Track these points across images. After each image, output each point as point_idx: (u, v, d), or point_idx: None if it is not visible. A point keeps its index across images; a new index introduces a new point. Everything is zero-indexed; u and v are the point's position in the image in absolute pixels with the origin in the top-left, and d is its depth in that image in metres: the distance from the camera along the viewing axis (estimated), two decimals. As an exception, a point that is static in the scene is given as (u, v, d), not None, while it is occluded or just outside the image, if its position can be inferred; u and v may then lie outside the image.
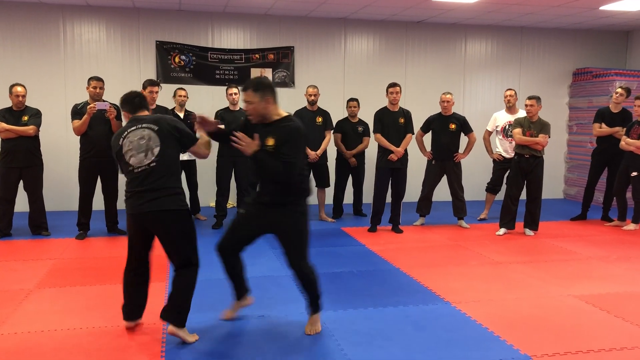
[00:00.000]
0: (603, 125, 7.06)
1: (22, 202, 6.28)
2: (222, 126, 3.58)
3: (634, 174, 6.60)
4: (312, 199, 7.49)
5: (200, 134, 3.52)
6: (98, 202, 6.30)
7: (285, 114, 3.41)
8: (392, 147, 6.31)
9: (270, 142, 3.25)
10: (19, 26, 7.50)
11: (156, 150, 3.23)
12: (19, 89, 5.95)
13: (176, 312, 3.29)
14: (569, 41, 9.34)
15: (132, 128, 3.29)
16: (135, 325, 3.53)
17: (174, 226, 3.26)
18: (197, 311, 3.75)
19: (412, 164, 6.79)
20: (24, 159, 5.99)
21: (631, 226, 6.75)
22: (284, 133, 3.27)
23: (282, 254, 3.43)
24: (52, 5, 7.55)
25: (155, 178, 3.21)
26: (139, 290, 3.48)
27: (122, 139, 3.29)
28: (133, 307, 3.50)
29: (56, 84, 7.66)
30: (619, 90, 7.00)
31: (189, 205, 7.11)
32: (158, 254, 3.55)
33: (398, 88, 6.38)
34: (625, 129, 6.79)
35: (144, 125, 3.28)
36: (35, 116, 6.06)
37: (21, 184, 6.11)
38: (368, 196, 7.43)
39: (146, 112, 3.43)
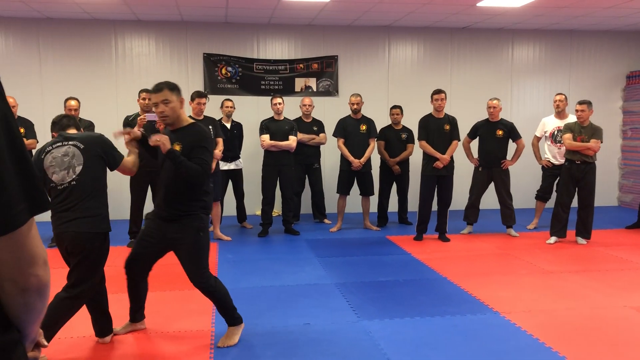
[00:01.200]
0: None
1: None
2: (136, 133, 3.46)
3: None
4: (357, 207, 7.53)
5: (130, 150, 3.48)
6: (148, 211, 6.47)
7: (192, 120, 3.39)
8: (438, 155, 6.25)
9: (177, 147, 3.20)
10: (74, 41, 7.82)
11: (78, 168, 3.17)
12: (72, 102, 6.20)
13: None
14: (622, 43, 9.03)
15: (57, 144, 3.22)
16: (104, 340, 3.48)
17: (85, 249, 3.16)
18: (245, 318, 3.80)
19: (459, 171, 6.70)
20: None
21: None
22: (191, 137, 3.25)
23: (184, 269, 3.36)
24: (104, 20, 7.84)
25: (74, 198, 3.15)
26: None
27: (44, 154, 3.22)
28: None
29: (108, 96, 7.93)
30: None
31: (236, 213, 7.33)
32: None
33: (443, 95, 6.32)
34: None
35: (70, 142, 3.23)
36: (88, 128, 6.29)
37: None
38: (412, 204, 7.37)
39: (74, 131, 3.38)
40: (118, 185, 7.85)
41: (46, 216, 5.56)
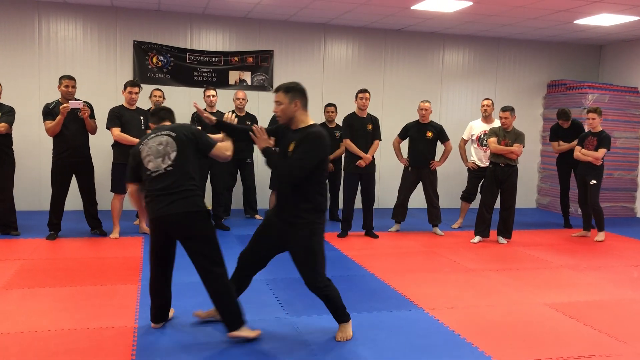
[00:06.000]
0: (561, 142, 7.45)
1: (-9, 201, 6.14)
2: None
3: (593, 182, 6.74)
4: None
5: (223, 137, 3.60)
6: (69, 202, 6.19)
7: (312, 122, 3.43)
8: (361, 153, 6.35)
9: (291, 147, 3.29)
10: (-7, 21, 7.36)
11: (173, 155, 3.35)
12: (-7, 85, 5.84)
13: (229, 317, 3.36)
14: (544, 53, 9.50)
15: (152, 135, 3.45)
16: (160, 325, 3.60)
17: (193, 228, 3.34)
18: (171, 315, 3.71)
19: (388, 171, 6.82)
20: (-6, 157, 5.86)
21: (600, 236, 6.85)
22: (302, 136, 3.30)
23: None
24: (27, 0, 7.41)
25: (170, 181, 3.31)
26: (160, 295, 3.56)
27: (141, 145, 3.45)
28: (157, 311, 3.57)
29: (30, 82, 7.52)
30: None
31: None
32: (132, 256, 3.50)
33: (367, 94, 6.42)
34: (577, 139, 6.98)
35: (163, 132, 3.44)
36: (9, 114, 5.94)
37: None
38: (344, 202, 7.45)
39: (168, 123, 3.61)
40: (38, 175, 7.48)
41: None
